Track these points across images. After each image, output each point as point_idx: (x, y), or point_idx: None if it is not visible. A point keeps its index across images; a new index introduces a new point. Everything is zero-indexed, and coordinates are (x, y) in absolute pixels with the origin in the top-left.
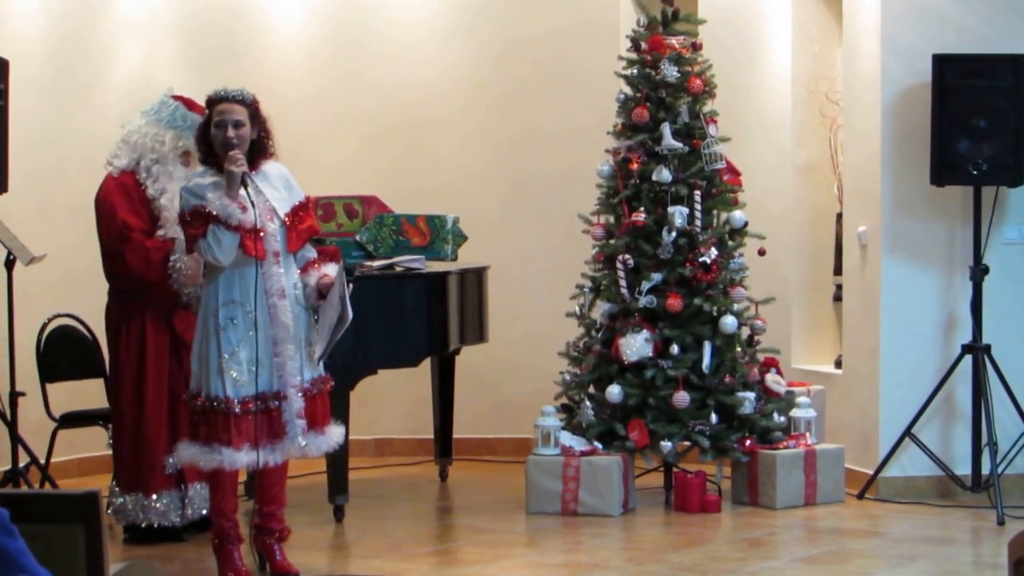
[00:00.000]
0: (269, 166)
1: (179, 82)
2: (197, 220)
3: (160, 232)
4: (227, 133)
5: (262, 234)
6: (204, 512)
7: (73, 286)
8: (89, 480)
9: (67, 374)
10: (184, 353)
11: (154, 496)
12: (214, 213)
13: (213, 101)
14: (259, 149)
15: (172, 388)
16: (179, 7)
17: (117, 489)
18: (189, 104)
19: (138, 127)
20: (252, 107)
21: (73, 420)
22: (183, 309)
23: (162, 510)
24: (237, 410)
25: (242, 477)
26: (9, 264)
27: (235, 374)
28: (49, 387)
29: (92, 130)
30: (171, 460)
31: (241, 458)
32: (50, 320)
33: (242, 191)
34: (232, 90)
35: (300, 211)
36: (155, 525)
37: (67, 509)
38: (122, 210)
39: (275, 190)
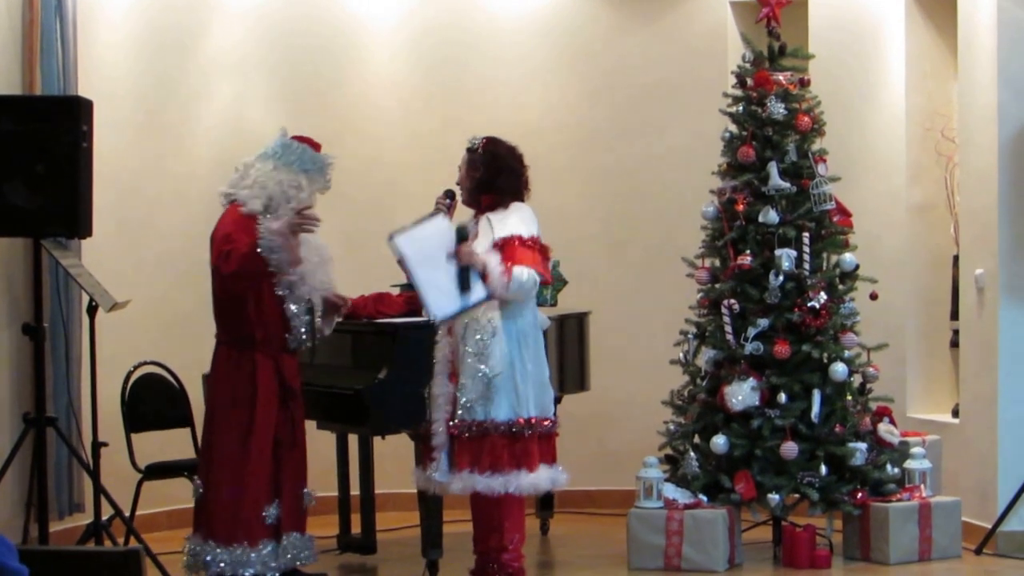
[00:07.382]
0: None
1: (271, 123)
2: None
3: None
4: None
5: None
6: (297, 564)
7: (162, 333)
8: (179, 533)
9: (153, 424)
10: (291, 400)
11: (256, 547)
12: None
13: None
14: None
15: (278, 436)
16: (271, 46)
17: (211, 543)
18: (313, 145)
19: (267, 172)
20: (474, 152)
21: (159, 471)
22: (289, 355)
23: (262, 561)
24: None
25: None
26: (91, 310)
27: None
28: (135, 437)
29: (181, 172)
30: (272, 511)
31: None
32: (136, 368)
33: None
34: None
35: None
36: None
37: (107, 567)
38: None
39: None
